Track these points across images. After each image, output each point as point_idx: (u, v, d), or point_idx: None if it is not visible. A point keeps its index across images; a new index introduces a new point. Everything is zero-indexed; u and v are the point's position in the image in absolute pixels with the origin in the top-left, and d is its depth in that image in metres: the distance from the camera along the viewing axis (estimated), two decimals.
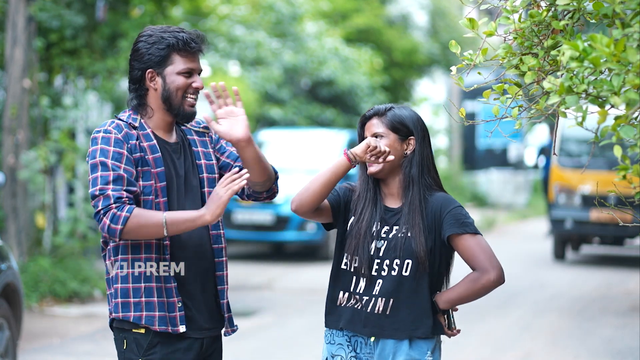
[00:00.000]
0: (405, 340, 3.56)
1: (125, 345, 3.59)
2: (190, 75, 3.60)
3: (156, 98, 3.60)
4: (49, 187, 10.90)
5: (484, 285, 3.52)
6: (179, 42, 3.57)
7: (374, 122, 3.66)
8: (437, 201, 3.60)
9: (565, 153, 14.32)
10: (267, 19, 20.23)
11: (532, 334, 9.17)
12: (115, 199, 3.44)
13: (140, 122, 3.60)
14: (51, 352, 8.15)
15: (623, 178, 2.81)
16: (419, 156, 3.64)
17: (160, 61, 3.57)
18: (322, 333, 3.80)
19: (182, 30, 3.61)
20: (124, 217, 3.42)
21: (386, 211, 3.66)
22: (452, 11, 27.38)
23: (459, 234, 3.54)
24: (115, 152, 3.49)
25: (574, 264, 14.58)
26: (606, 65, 2.68)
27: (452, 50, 3.27)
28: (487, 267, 3.52)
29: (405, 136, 3.65)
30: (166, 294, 3.55)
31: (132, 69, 3.61)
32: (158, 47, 3.56)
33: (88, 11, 11.06)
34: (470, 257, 3.54)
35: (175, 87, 3.58)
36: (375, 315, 3.58)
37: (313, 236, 14.35)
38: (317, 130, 17.63)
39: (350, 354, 3.64)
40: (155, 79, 3.58)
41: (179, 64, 3.58)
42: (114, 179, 3.47)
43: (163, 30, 3.60)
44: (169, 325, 3.55)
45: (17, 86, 10.49)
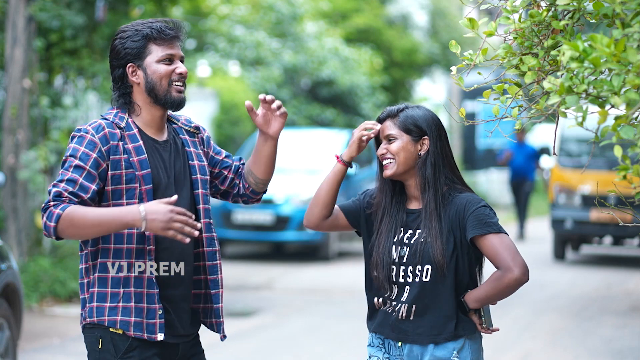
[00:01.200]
0: (429, 345, 3.56)
1: (100, 345, 3.50)
2: (171, 62, 3.53)
3: (141, 92, 3.54)
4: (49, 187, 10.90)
5: (508, 284, 3.50)
6: (153, 32, 3.51)
7: (387, 124, 3.64)
8: (461, 202, 3.56)
9: (565, 153, 14.32)
10: (267, 19, 20.23)
11: (532, 334, 9.16)
12: (54, 196, 3.38)
13: (127, 121, 3.53)
14: (51, 352, 8.15)
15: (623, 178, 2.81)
16: (433, 156, 3.60)
17: (138, 53, 3.51)
18: (322, 333, 3.80)
19: (156, 20, 3.56)
20: (56, 215, 3.34)
21: (408, 214, 3.63)
22: (452, 11, 27.39)
23: (482, 235, 3.52)
24: (84, 153, 3.43)
25: (574, 264, 14.58)
26: (606, 66, 2.68)
27: (452, 50, 3.27)
28: (510, 265, 3.49)
29: (418, 137, 3.61)
30: (147, 300, 3.47)
31: (112, 68, 3.55)
32: (133, 40, 3.51)
33: (88, 11, 11.05)
34: (494, 255, 3.51)
35: (158, 75, 3.51)
36: (400, 321, 3.59)
37: (313, 236, 14.35)
38: (317, 130, 17.63)
39: (385, 355, 3.65)
40: (136, 72, 3.52)
41: (157, 52, 3.52)
42: (68, 179, 3.40)
43: (137, 23, 3.55)
44: (144, 332, 3.46)
45: (17, 86, 10.49)
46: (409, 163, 3.61)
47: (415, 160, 3.61)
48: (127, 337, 3.47)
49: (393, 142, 3.62)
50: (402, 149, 3.60)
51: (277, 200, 14.37)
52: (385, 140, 3.65)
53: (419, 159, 3.61)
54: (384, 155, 3.63)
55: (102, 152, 3.45)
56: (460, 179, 3.66)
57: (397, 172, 3.62)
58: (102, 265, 3.48)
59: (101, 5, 11.02)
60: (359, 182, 15.87)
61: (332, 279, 12.76)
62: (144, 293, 3.47)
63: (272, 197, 14.36)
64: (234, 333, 8.79)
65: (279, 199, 14.39)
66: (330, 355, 8.27)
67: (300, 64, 19.70)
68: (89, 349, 3.54)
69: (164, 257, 3.51)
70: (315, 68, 19.83)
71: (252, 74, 19.22)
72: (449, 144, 3.67)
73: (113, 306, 3.46)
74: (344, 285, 12.12)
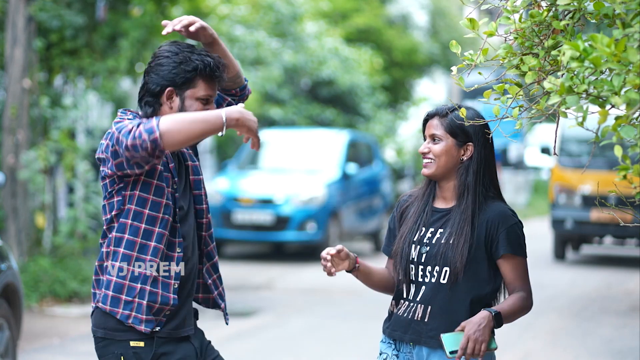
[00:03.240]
0: (439, 349, 3.52)
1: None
2: (207, 102, 3.53)
3: None
4: (49, 187, 10.90)
5: (527, 306, 3.57)
6: (206, 68, 3.49)
7: (434, 123, 3.61)
8: (494, 212, 3.54)
9: (565, 153, 14.32)
10: (267, 19, 20.23)
11: (532, 334, 9.17)
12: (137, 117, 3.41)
13: None
14: (51, 352, 8.15)
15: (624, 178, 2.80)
16: (477, 164, 3.57)
17: (184, 83, 3.48)
18: (322, 333, 3.80)
19: (207, 54, 3.52)
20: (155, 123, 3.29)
21: (434, 212, 3.62)
22: (452, 11, 27.39)
23: (513, 255, 3.53)
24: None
25: (574, 264, 14.58)
26: (607, 66, 2.67)
27: (452, 50, 3.26)
28: (530, 292, 3.58)
29: (463, 142, 3.58)
30: (161, 301, 3.48)
31: (150, 81, 3.51)
32: (185, 69, 3.47)
33: (88, 11, 11.05)
34: (516, 278, 3.54)
35: (192, 112, 3.48)
36: (415, 322, 3.57)
37: (313, 236, 14.34)
38: (317, 130, 17.62)
39: (394, 352, 3.63)
40: (173, 98, 3.50)
41: (201, 89, 3.50)
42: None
43: (190, 50, 3.51)
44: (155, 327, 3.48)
45: (17, 86, 10.49)
46: (449, 167, 3.58)
47: (456, 164, 3.58)
48: (150, 348, 3.47)
49: (437, 143, 3.58)
50: (444, 152, 3.57)
51: (277, 200, 14.37)
52: (429, 138, 3.61)
53: (460, 163, 3.58)
54: (425, 154, 3.61)
55: None
56: (497, 188, 3.63)
57: (436, 174, 3.60)
58: (125, 256, 3.48)
59: (101, 5, 11.02)
60: (359, 182, 15.88)
61: (332, 279, 12.76)
62: (158, 293, 3.48)
63: (272, 197, 14.36)
64: (234, 333, 8.79)
65: (279, 199, 14.38)
66: (330, 355, 8.27)
67: (300, 64, 19.70)
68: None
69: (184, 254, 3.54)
70: (315, 68, 19.83)
71: (252, 74, 19.21)
72: (493, 151, 3.63)
73: (129, 300, 3.46)
74: (344, 285, 12.12)
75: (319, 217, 14.40)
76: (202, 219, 3.64)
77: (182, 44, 3.55)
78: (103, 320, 3.49)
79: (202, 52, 3.52)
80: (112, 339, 3.48)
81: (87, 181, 11.22)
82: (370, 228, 16.07)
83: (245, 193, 14.27)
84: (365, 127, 20.35)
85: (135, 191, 3.47)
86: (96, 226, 11.40)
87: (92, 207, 11.00)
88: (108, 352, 3.49)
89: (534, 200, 26.61)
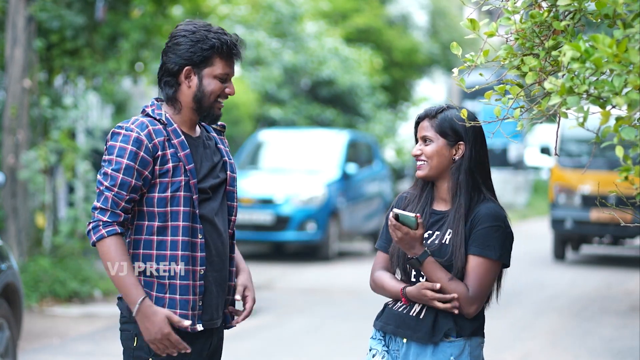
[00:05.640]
0: (430, 345, 3.54)
1: (135, 343, 3.50)
2: (225, 80, 3.54)
3: (188, 96, 3.53)
4: (49, 187, 10.90)
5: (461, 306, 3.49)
6: (223, 46, 3.50)
7: (425, 125, 3.61)
8: (483, 211, 3.53)
9: (565, 153, 14.33)
10: (267, 19, 20.23)
11: (531, 334, 9.17)
12: (112, 210, 3.44)
13: (166, 116, 3.53)
14: (51, 352, 8.15)
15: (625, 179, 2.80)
16: (468, 162, 3.56)
17: (202, 61, 3.49)
18: (322, 333, 3.81)
19: (224, 32, 3.53)
20: (99, 235, 3.44)
21: (432, 214, 3.61)
22: (452, 11, 27.39)
23: (479, 257, 3.50)
24: (132, 151, 3.43)
25: (574, 264, 14.58)
26: (608, 66, 2.68)
27: (453, 52, 3.26)
28: (477, 298, 3.50)
29: (454, 141, 3.57)
30: (192, 292, 3.50)
31: (168, 61, 3.51)
32: (202, 47, 3.48)
33: (88, 11, 11.05)
34: (473, 278, 3.49)
35: (210, 90, 3.51)
36: (410, 318, 3.57)
37: (313, 236, 14.35)
38: (317, 130, 17.62)
39: (384, 348, 3.64)
40: (191, 77, 3.51)
41: (219, 67, 3.51)
42: (121, 183, 3.43)
43: (207, 28, 3.52)
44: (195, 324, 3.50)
45: (17, 86, 10.49)
46: (442, 167, 3.58)
47: (449, 164, 3.58)
48: None
49: (428, 144, 3.59)
50: (436, 152, 3.57)
51: (277, 200, 14.37)
52: (421, 140, 3.62)
53: (453, 163, 3.58)
54: (418, 156, 3.61)
55: (154, 146, 3.47)
56: (491, 187, 3.62)
57: (429, 175, 3.60)
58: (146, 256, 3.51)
59: (101, 5, 11.02)
60: (359, 182, 15.88)
61: (332, 279, 12.76)
62: (189, 286, 3.49)
63: (272, 197, 14.37)
64: (234, 333, 8.79)
65: (279, 199, 14.38)
66: (330, 355, 8.27)
67: (300, 64, 19.70)
68: (125, 346, 3.54)
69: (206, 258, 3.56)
70: (315, 68, 19.83)
71: (252, 74, 19.22)
72: (486, 150, 3.63)
73: (160, 297, 3.48)
74: (344, 285, 12.13)
75: (319, 217, 14.40)
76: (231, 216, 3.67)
77: (199, 22, 3.55)
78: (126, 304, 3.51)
79: (219, 31, 3.52)
80: (129, 319, 3.50)
81: (87, 181, 11.22)
82: (370, 228, 16.08)
83: (245, 193, 14.26)
84: (365, 127, 20.35)
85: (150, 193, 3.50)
86: None
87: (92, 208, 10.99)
88: (125, 329, 3.53)
89: (534, 200, 26.61)
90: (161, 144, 3.48)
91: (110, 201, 3.43)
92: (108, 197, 3.44)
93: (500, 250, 3.51)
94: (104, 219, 3.43)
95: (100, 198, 3.46)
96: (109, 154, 3.46)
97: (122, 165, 3.43)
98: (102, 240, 3.43)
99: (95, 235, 3.44)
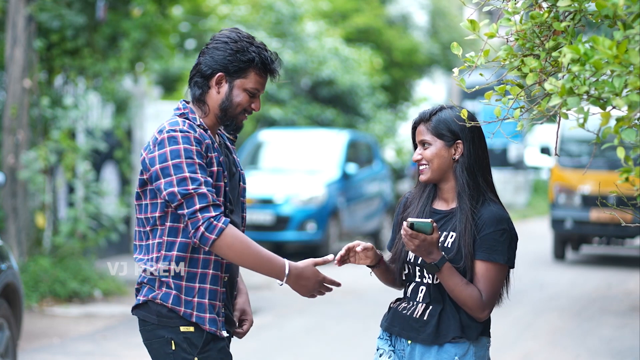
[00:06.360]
0: (434, 346, 3.54)
1: (174, 346, 3.44)
2: (254, 95, 3.52)
3: (215, 101, 3.50)
4: (49, 187, 10.90)
5: (470, 308, 3.49)
6: (262, 62, 3.48)
7: (421, 129, 3.61)
8: (487, 214, 3.53)
9: (565, 153, 14.33)
10: (267, 19, 20.22)
11: (532, 334, 9.17)
12: (215, 204, 3.35)
13: (201, 120, 3.51)
14: (51, 352, 8.15)
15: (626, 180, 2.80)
16: (468, 160, 3.56)
17: (236, 71, 3.47)
18: (322, 333, 3.82)
19: (265, 48, 3.51)
20: (219, 228, 3.33)
21: (433, 214, 3.61)
22: (452, 11, 27.39)
23: (487, 261, 3.50)
24: (197, 150, 3.39)
25: (574, 264, 14.58)
26: (608, 68, 2.68)
27: (454, 52, 3.27)
28: (489, 302, 3.50)
29: (452, 141, 3.57)
30: (218, 298, 3.49)
31: (203, 63, 3.48)
32: (240, 58, 3.46)
33: (88, 11, 11.05)
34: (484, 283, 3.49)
35: (238, 102, 3.49)
36: (413, 319, 3.58)
37: (313, 236, 14.35)
38: (317, 130, 17.62)
39: (390, 348, 3.65)
40: (222, 84, 3.49)
41: (251, 81, 3.49)
42: (205, 181, 3.37)
43: (250, 41, 3.49)
44: (218, 328, 3.49)
45: (17, 86, 10.49)
46: (443, 168, 3.58)
47: (450, 164, 3.58)
48: (200, 332, 3.46)
49: (427, 148, 3.59)
50: (435, 155, 3.57)
51: (277, 200, 14.37)
52: (420, 145, 3.63)
53: (454, 163, 3.58)
54: (419, 161, 3.61)
55: (206, 148, 3.45)
56: (491, 185, 3.62)
57: (432, 178, 3.60)
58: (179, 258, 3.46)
59: (101, 5, 11.02)
60: (359, 181, 15.88)
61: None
62: (217, 291, 3.49)
63: (272, 197, 14.37)
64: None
65: (279, 199, 14.39)
66: (330, 355, 8.27)
67: (300, 64, 19.70)
68: (158, 352, 3.47)
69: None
70: (315, 68, 19.83)
71: None
72: (484, 146, 3.62)
73: (188, 300, 3.46)
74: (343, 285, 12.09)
75: (318, 217, 14.41)
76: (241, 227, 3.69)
77: (243, 32, 3.53)
78: (155, 308, 3.46)
79: (261, 45, 3.50)
80: (158, 325, 3.45)
81: (87, 181, 11.22)
82: (370, 228, 16.08)
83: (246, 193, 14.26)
84: (365, 127, 20.35)
85: None
86: (96, 226, 11.40)
87: (92, 207, 11.00)
88: (156, 336, 3.47)
89: (534, 200, 26.62)
90: (208, 146, 3.46)
91: (208, 196, 3.35)
92: (203, 193, 3.35)
93: (507, 254, 3.51)
94: (213, 214, 3.34)
95: (193, 201, 3.34)
96: (174, 157, 3.37)
97: (196, 167, 3.38)
98: (224, 233, 3.34)
99: (214, 233, 3.33)
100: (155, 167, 3.39)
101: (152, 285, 3.48)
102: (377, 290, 7.04)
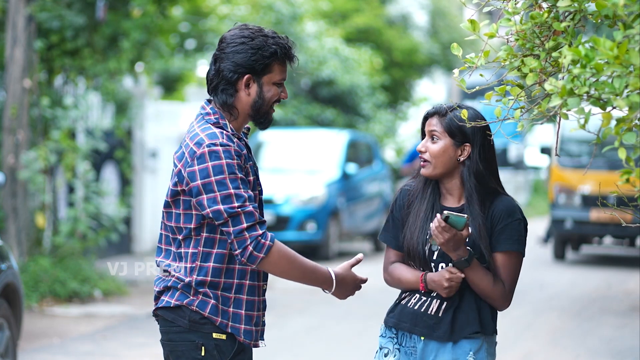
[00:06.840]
0: (449, 342, 3.54)
1: (203, 352, 3.37)
2: (281, 85, 3.48)
3: (246, 103, 3.43)
4: (49, 187, 10.90)
5: (493, 299, 3.53)
6: (282, 51, 3.43)
7: (434, 121, 3.59)
8: (501, 206, 3.55)
9: (565, 153, 14.33)
10: (267, 19, 20.21)
11: (532, 334, 9.17)
12: (260, 221, 3.31)
13: (230, 127, 3.43)
14: (51, 352, 8.15)
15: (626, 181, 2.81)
16: (476, 165, 3.56)
17: (262, 69, 3.41)
18: (322, 333, 3.80)
19: (279, 36, 3.45)
20: (267, 246, 3.30)
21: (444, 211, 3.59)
22: (452, 11, 27.38)
23: (509, 252, 3.53)
24: (239, 164, 3.34)
25: (574, 264, 14.58)
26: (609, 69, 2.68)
27: (454, 52, 3.27)
28: (511, 291, 3.55)
29: (460, 142, 3.57)
30: (256, 308, 3.45)
31: (226, 69, 3.39)
32: (263, 55, 3.39)
33: (88, 11, 11.05)
34: (506, 274, 3.53)
35: (270, 97, 3.44)
36: (427, 316, 3.56)
37: (313, 236, 14.34)
38: (317, 130, 17.62)
39: (395, 346, 3.63)
40: (251, 85, 3.42)
41: (277, 73, 3.45)
42: (249, 197, 3.32)
43: (263, 34, 3.42)
44: (252, 339, 3.43)
45: (17, 86, 10.49)
46: (447, 166, 3.58)
47: (453, 164, 3.58)
48: (232, 341, 3.40)
49: (435, 141, 3.58)
50: (441, 152, 3.57)
51: (277, 200, 14.37)
52: (428, 136, 3.61)
53: (458, 163, 3.58)
54: (423, 153, 3.60)
55: (244, 159, 3.40)
56: (499, 181, 3.64)
57: (434, 174, 3.60)
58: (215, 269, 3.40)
59: (101, 5, 11.02)
60: (359, 182, 15.88)
61: None
62: (255, 301, 3.45)
63: (272, 197, 14.37)
64: None
65: (279, 199, 14.38)
66: (330, 355, 8.27)
67: (300, 64, 19.67)
68: (183, 354, 3.40)
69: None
70: (315, 68, 19.82)
71: None
72: (492, 151, 3.62)
73: (224, 310, 3.39)
74: None
75: (319, 217, 14.40)
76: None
77: (253, 27, 3.45)
78: (189, 314, 3.39)
79: (275, 35, 3.44)
80: (190, 329, 3.38)
81: (87, 181, 11.22)
82: (370, 228, 16.08)
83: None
84: (365, 127, 20.35)
85: None
86: (96, 226, 11.40)
87: (92, 207, 11.00)
88: (185, 339, 3.40)
89: (534, 200, 26.61)
90: (245, 157, 3.42)
91: (255, 214, 3.31)
92: (250, 212, 3.30)
93: (524, 243, 3.56)
94: (259, 232, 3.30)
95: (240, 220, 3.28)
96: (217, 174, 3.31)
97: (238, 182, 3.32)
98: (271, 250, 3.31)
99: (262, 251, 3.30)
100: (196, 182, 3.32)
101: (187, 291, 3.39)
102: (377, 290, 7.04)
